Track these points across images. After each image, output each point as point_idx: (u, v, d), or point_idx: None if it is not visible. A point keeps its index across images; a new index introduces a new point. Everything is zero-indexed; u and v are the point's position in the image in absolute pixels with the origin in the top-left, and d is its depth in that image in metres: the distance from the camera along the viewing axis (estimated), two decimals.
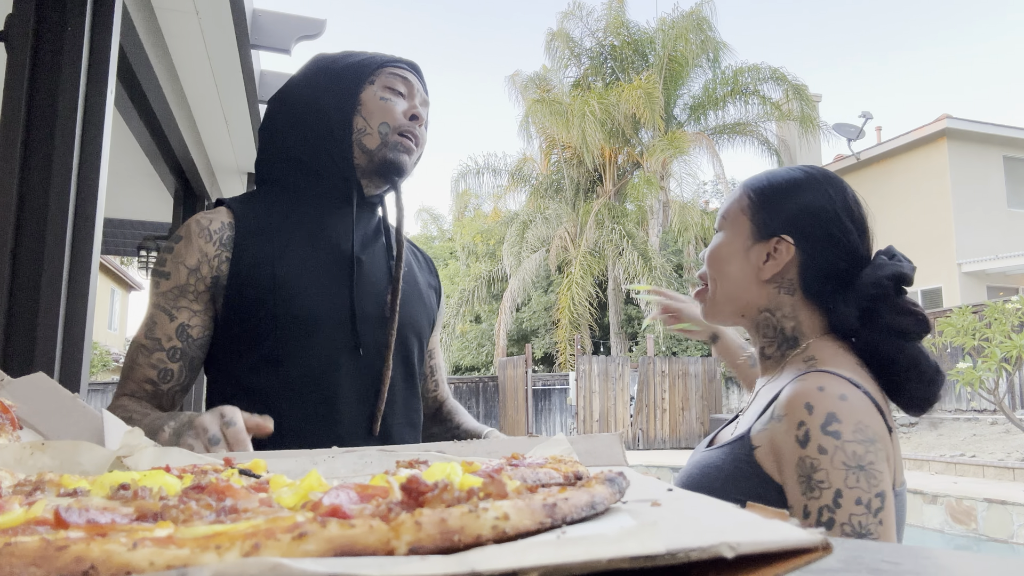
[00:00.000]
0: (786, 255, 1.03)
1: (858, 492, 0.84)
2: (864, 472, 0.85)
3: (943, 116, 14.66)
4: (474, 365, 20.06)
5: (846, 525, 0.84)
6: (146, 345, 1.08)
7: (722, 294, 1.09)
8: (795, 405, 0.90)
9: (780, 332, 1.06)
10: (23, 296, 1.63)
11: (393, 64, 1.22)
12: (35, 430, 0.63)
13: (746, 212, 1.08)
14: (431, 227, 25.96)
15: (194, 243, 1.11)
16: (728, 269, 1.08)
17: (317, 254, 1.15)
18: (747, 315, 1.08)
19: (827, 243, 1.03)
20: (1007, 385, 8.83)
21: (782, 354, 1.05)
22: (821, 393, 0.90)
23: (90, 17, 1.78)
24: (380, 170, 1.19)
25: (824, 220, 1.04)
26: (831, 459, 0.86)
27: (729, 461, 0.96)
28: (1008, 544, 6.07)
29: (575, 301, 15.16)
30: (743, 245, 1.07)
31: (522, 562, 0.25)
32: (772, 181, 1.09)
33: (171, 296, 1.10)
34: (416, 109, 1.21)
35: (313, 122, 1.19)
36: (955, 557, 0.37)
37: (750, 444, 0.95)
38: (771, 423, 0.93)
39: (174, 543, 0.25)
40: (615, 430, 12.62)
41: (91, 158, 1.75)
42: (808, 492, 0.86)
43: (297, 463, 0.60)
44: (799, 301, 1.05)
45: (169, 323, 1.09)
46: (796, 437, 0.88)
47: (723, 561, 0.28)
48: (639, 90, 15.10)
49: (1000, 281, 14.34)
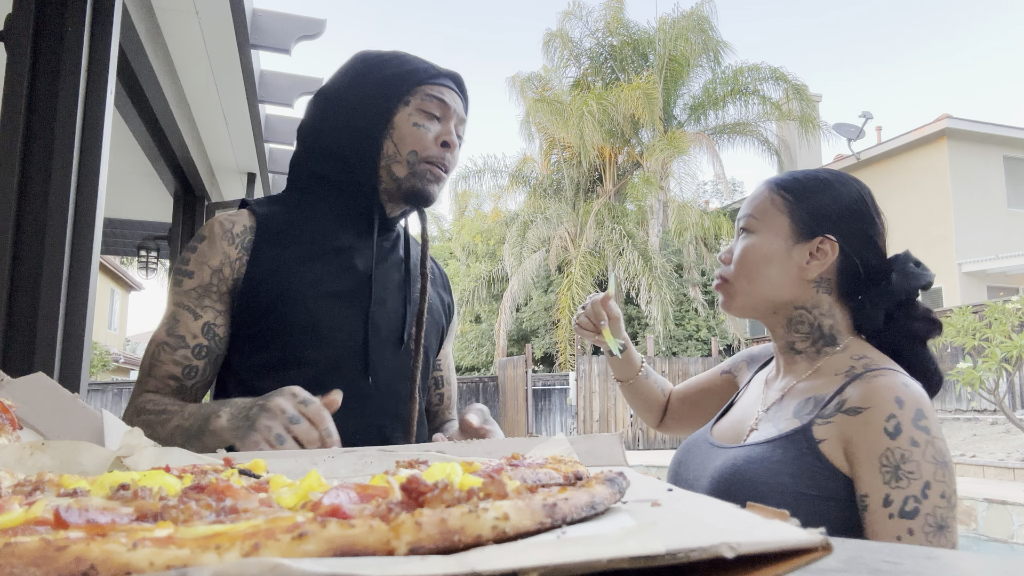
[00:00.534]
0: (831, 254, 1.05)
1: (943, 487, 0.89)
2: (947, 469, 0.90)
3: (943, 116, 14.66)
4: (474, 365, 20.06)
5: (930, 516, 0.88)
6: (169, 343, 1.08)
7: (757, 293, 1.09)
8: (883, 398, 0.93)
9: (817, 329, 1.08)
10: (23, 296, 1.63)
11: (432, 81, 1.16)
12: (35, 430, 0.63)
13: (783, 211, 1.09)
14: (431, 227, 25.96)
15: (217, 245, 1.11)
16: (767, 269, 1.08)
17: (332, 269, 1.15)
18: (779, 312, 1.10)
19: (864, 242, 1.06)
20: (1007, 385, 8.83)
21: (817, 351, 1.07)
22: (907, 389, 0.94)
23: (90, 17, 1.78)
24: (406, 198, 1.18)
25: (862, 220, 1.07)
26: (923, 452, 0.89)
27: (791, 456, 0.96)
28: (1008, 544, 6.07)
29: (575, 301, 15.13)
30: (784, 245, 1.08)
31: (522, 562, 0.25)
32: (803, 181, 1.10)
33: (195, 295, 1.10)
34: (450, 135, 1.16)
35: (344, 140, 1.16)
36: (955, 557, 0.37)
37: (813, 438, 0.96)
38: (840, 416, 0.95)
39: (174, 543, 0.25)
40: (615, 430, 12.62)
41: (91, 158, 1.75)
42: (894, 481, 0.89)
43: (297, 463, 0.60)
44: (834, 300, 1.08)
45: (194, 321, 1.09)
46: (885, 429, 0.91)
47: (723, 561, 0.28)
48: (638, 90, 15.10)
49: (1000, 281, 14.34)
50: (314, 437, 0.86)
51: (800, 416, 1.00)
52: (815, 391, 1.02)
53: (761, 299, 1.09)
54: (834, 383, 1.00)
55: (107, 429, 0.64)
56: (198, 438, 0.95)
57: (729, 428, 1.15)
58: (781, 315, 1.10)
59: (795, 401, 1.04)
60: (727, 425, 1.17)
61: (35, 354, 1.61)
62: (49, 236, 1.66)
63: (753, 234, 1.11)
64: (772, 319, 1.11)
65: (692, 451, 1.15)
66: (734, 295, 1.12)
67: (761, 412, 1.10)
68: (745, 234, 1.12)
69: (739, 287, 1.11)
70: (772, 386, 1.13)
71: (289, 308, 1.10)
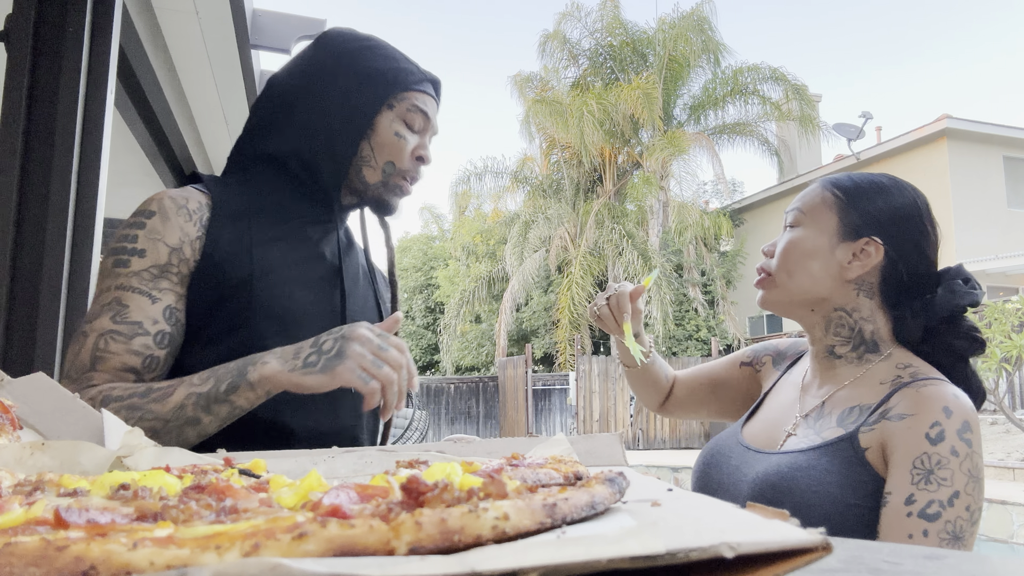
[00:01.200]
0: (875, 257, 1.04)
1: (970, 500, 0.88)
2: (979, 484, 0.90)
3: (943, 116, 14.66)
4: (474, 365, 20.05)
5: (950, 523, 0.87)
6: (120, 331, 0.94)
7: (797, 287, 1.08)
8: (931, 407, 0.92)
9: (859, 334, 1.06)
10: (23, 296, 1.63)
11: (417, 87, 1.11)
12: (35, 430, 0.63)
13: (833, 209, 1.07)
14: (431, 227, 25.95)
15: (173, 220, 0.99)
16: (810, 263, 1.07)
17: (298, 254, 1.07)
18: (818, 310, 1.08)
19: (912, 250, 1.05)
20: (1007, 385, 8.83)
21: (859, 356, 1.06)
22: (957, 400, 0.93)
23: (90, 17, 1.78)
24: (372, 204, 1.14)
25: (912, 226, 1.05)
26: (960, 463, 0.89)
27: (839, 463, 0.96)
28: (1008, 544, 6.07)
29: (575, 301, 15.15)
30: (829, 242, 1.06)
31: (522, 562, 0.25)
32: (858, 182, 1.09)
33: (148, 276, 0.97)
34: (425, 150, 1.13)
35: (315, 128, 1.08)
36: (955, 557, 0.37)
37: (860, 447, 0.95)
38: (884, 423, 0.95)
39: (174, 543, 0.25)
40: (615, 430, 12.62)
41: (91, 158, 1.75)
42: (924, 483, 0.88)
43: (297, 463, 0.60)
44: (876, 305, 1.06)
45: (151, 305, 0.96)
46: (927, 435, 0.90)
47: (723, 561, 0.28)
48: (638, 90, 15.10)
49: (1000, 281, 14.33)
50: (403, 363, 0.87)
51: (844, 424, 0.99)
52: (860, 399, 1.01)
53: (799, 293, 1.08)
54: (879, 392, 0.99)
55: (107, 429, 0.64)
56: (225, 399, 0.87)
57: (762, 432, 1.12)
58: (819, 314, 1.08)
59: (839, 409, 1.02)
60: (759, 428, 1.14)
61: (35, 354, 1.61)
62: (49, 236, 1.66)
63: (799, 228, 1.10)
64: (810, 318, 1.09)
65: (724, 454, 1.12)
66: (772, 289, 1.11)
67: (799, 418, 1.07)
68: (791, 228, 1.11)
69: (779, 279, 1.09)
70: (809, 391, 1.11)
71: (257, 291, 1.00)
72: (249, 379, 0.86)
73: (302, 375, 0.85)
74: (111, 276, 0.97)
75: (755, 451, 1.07)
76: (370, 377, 0.84)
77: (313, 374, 0.85)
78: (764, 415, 1.16)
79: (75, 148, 1.71)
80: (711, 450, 1.16)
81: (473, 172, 17.90)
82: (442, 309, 20.47)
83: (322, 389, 0.85)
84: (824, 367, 1.09)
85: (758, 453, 1.06)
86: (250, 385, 0.86)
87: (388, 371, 0.85)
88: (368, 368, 0.84)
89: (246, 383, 0.86)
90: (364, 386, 0.84)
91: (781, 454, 1.02)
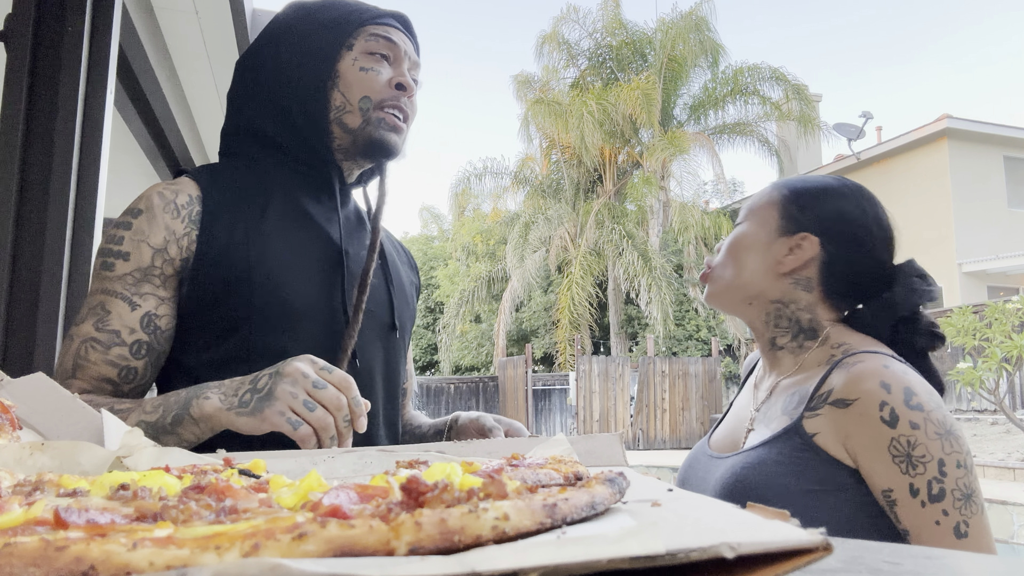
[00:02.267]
0: (809, 252, 1.06)
1: (956, 456, 0.88)
2: (953, 436, 0.89)
3: (943, 116, 14.66)
4: (474, 365, 20.06)
5: (955, 490, 0.88)
6: (99, 339, 0.91)
7: (735, 280, 1.11)
8: (867, 387, 0.92)
9: (796, 323, 1.08)
10: (23, 296, 1.63)
11: (375, 21, 1.05)
12: (35, 430, 0.63)
13: (775, 206, 1.11)
14: (431, 227, 25.95)
15: (159, 219, 0.95)
16: (747, 257, 1.10)
17: (299, 240, 1.02)
18: (756, 304, 1.10)
19: (853, 247, 1.06)
20: (1007, 385, 8.83)
21: (799, 344, 1.08)
22: (888, 370, 0.93)
23: (90, 17, 1.78)
24: (365, 151, 1.05)
25: (853, 225, 1.07)
26: (924, 432, 0.89)
27: (788, 453, 0.96)
28: (1008, 544, 6.07)
29: (575, 301, 15.15)
30: (767, 237, 1.10)
31: (522, 562, 0.25)
32: (806, 183, 1.13)
33: (131, 281, 0.93)
34: (403, 76, 1.04)
35: (284, 97, 1.04)
36: (955, 557, 0.37)
37: (806, 433, 0.96)
38: (829, 408, 0.95)
39: (174, 543, 0.25)
40: (615, 430, 12.62)
41: (91, 158, 1.75)
42: (912, 470, 0.88)
43: (297, 463, 0.60)
44: (816, 298, 1.08)
45: (130, 312, 0.92)
46: (882, 418, 0.90)
47: (723, 561, 0.28)
48: (637, 91, 15.10)
49: (1000, 281, 14.34)
50: (342, 404, 0.76)
51: (788, 412, 1.00)
52: (800, 384, 1.03)
53: (737, 287, 1.11)
54: (817, 374, 1.01)
55: (107, 429, 0.64)
56: (171, 431, 0.81)
57: (726, 436, 1.15)
58: (758, 308, 1.11)
59: (782, 397, 1.04)
60: (723, 434, 1.17)
61: (35, 354, 1.61)
62: (49, 236, 1.66)
63: (743, 224, 1.14)
64: (750, 312, 1.12)
65: (694, 466, 1.15)
66: (714, 282, 1.14)
67: (754, 412, 1.10)
68: (737, 225, 1.16)
69: (719, 273, 1.13)
70: (761, 386, 1.14)
71: (256, 285, 0.95)
72: (191, 414, 0.81)
73: (236, 416, 0.78)
74: (97, 279, 0.95)
75: (717, 457, 1.09)
76: (300, 421, 0.75)
77: (244, 415, 0.78)
78: (727, 420, 1.20)
79: (75, 148, 1.71)
80: (685, 465, 1.19)
81: (473, 173, 17.91)
82: (442, 309, 20.47)
83: (255, 432, 0.77)
84: (770, 360, 1.12)
85: (718, 459, 1.08)
86: (193, 420, 0.81)
87: (321, 414, 0.75)
88: (298, 411, 0.75)
89: (189, 418, 0.81)
90: (293, 432, 0.75)
91: (737, 455, 1.03)
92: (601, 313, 17.24)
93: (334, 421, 0.76)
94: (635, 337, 17.57)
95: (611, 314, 16.58)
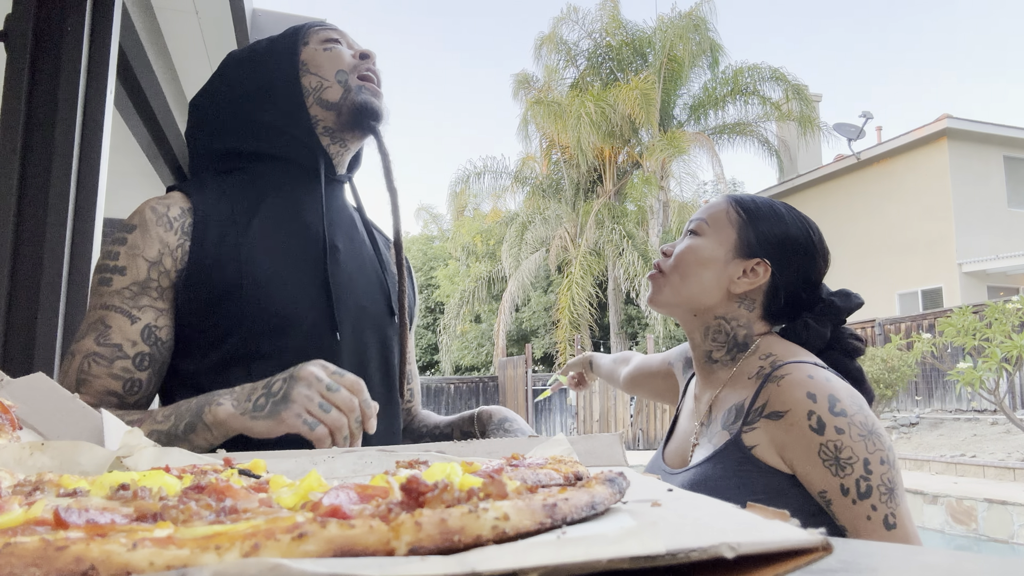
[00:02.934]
0: (762, 277, 1.12)
1: (879, 453, 0.95)
2: (875, 435, 0.95)
3: (943, 116, 14.65)
4: (474, 365, 20.06)
5: (881, 486, 0.93)
6: (102, 353, 0.94)
7: (686, 292, 1.14)
8: (795, 398, 0.98)
9: (732, 338, 1.14)
10: (23, 296, 1.63)
11: (320, 26, 1.14)
12: (35, 430, 0.63)
13: (734, 225, 1.15)
14: (431, 227, 25.95)
15: (152, 232, 0.98)
16: (702, 272, 1.13)
17: (286, 240, 1.04)
18: (699, 316, 1.15)
19: (797, 274, 1.13)
20: (1007, 385, 8.83)
21: (732, 358, 1.13)
22: (813, 381, 0.99)
23: (90, 17, 1.77)
24: (354, 119, 1.08)
25: (801, 254, 1.14)
26: (849, 435, 0.94)
27: (731, 468, 1.01)
28: (1008, 544, 6.06)
29: (575, 301, 15.15)
30: (724, 256, 1.13)
31: (522, 562, 0.25)
32: (760, 206, 1.17)
33: (128, 295, 0.96)
34: (362, 48, 1.12)
35: (256, 101, 1.08)
36: (955, 557, 0.37)
37: (744, 446, 1.01)
38: (764, 421, 1.00)
39: (174, 543, 0.25)
40: (615, 430, 12.62)
41: (91, 158, 1.75)
42: (840, 471, 0.94)
43: (297, 463, 0.60)
44: (755, 317, 1.14)
45: (130, 326, 0.95)
46: (810, 427, 0.96)
47: (723, 561, 0.28)
48: (635, 91, 15.10)
49: (1000, 281, 14.33)
50: (354, 406, 0.81)
51: (728, 427, 1.06)
52: (735, 399, 1.07)
53: (687, 298, 1.14)
54: (749, 387, 1.06)
55: (107, 429, 0.64)
56: (184, 439, 0.84)
57: (677, 450, 1.20)
58: (700, 321, 1.15)
59: (721, 413, 1.09)
60: (674, 448, 1.21)
61: (35, 354, 1.61)
62: (49, 236, 1.66)
63: (700, 237, 1.17)
64: (692, 323, 1.16)
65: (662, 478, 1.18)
66: (662, 287, 1.17)
67: (697, 427, 1.14)
68: (692, 235, 1.18)
69: (671, 280, 1.16)
70: (701, 400, 1.17)
71: (247, 292, 0.98)
72: (204, 420, 0.83)
73: (251, 420, 0.81)
74: (96, 295, 0.98)
75: (671, 472, 1.14)
76: (317, 422, 0.79)
77: (260, 419, 0.81)
78: (676, 433, 1.24)
79: (75, 148, 1.71)
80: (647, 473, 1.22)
81: (473, 172, 17.90)
82: (442, 309, 20.48)
83: (271, 435, 0.80)
84: (705, 372, 1.17)
85: (673, 474, 1.12)
86: (206, 427, 0.83)
87: (336, 415, 0.80)
88: (314, 412, 0.79)
89: (202, 424, 0.83)
90: (310, 432, 0.79)
91: (685, 472, 1.08)
92: (601, 313, 17.25)
93: (347, 422, 0.81)
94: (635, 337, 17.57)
95: (611, 314, 16.59)
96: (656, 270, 1.19)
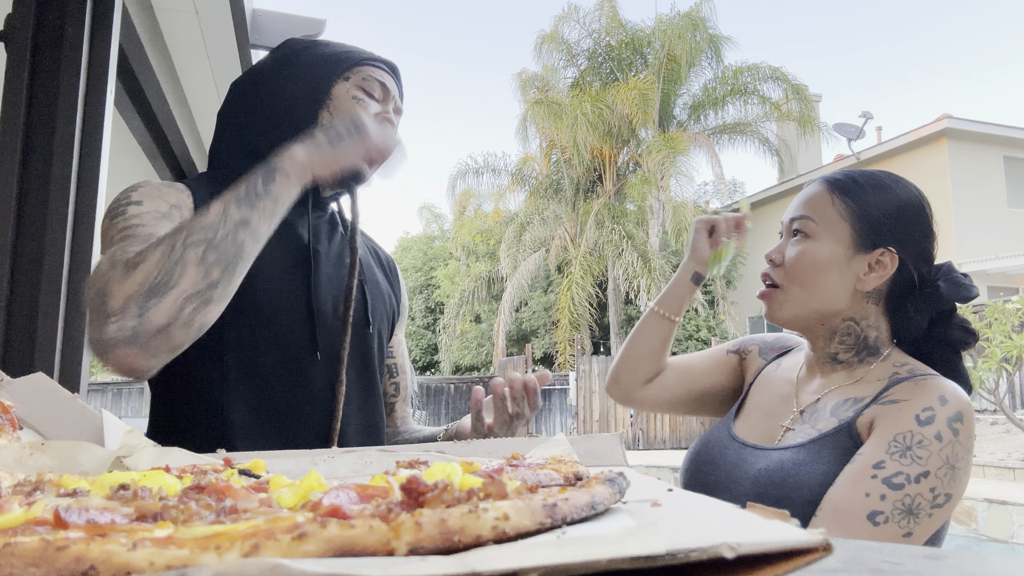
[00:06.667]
0: (890, 268, 1.02)
1: (937, 483, 0.87)
2: (953, 473, 0.88)
3: (943, 116, 14.65)
4: (474, 365, 20.05)
5: (909, 497, 0.86)
6: (136, 238, 0.94)
7: (813, 303, 1.04)
8: (927, 395, 0.92)
9: (863, 341, 1.04)
10: (23, 296, 1.63)
11: (371, 63, 1.15)
12: (35, 430, 0.63)
13: (845, 218, 1.03)
14: (432, 226, 25.95)
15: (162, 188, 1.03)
16: (824, 279, 1.03)
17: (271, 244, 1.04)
18: (826, 323, 1.05)
19: (921, 254, 1.04)
20: (1007, 385, 8.83)
21: (860, 360, 1.04)
22: (955, 392, 0.93)
23: (90, 17, 1.77)
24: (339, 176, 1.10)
25: (919, 230, 1.04)
26: (941, 448, 0.88)
27: (838, 455, 0.95)
28: (1008, 544, 6.06)
29: (575, 301, 15.15)
30: (844, 254, 1.03)
31: (522, 562, 0.25)
32: (864, 185, 1.05)
33: (151, 218, 0.97)
34: (388, 115, 1.14)
35: (277, 111, 1.11)
36: (956, 557, 0.37)
37: (857, 434, 0.95)
38: (874, 406, 0.95)
39: (174, 543, 0.25)
40: (615, 430, 12.62)
41: (91, 158, 1.75)
42: (899, 456, 0.88)
43: (297, 463, 0.60)
44: (881, 311, 1.05)
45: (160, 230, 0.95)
46: (916, 416, 0.90)
47: (723, 561, 0.28)
48: (634, 91, 15.10)
49: (1000, 281, 14.33)
50: None
51: (838, 415, 0.99)
52: (855, 393, 1.00)
53: (813, 309, 1.04)
54: (876, 387, 0.99)
55: (107, 429, 0.64)
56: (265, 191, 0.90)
57: (756, 426, 1.11)
58: (827, 327, 1.05)
59: (832, 402, 1.02)
60: (752, 423, 1.12)
61: (35, 354, 1.61)
62: (49, 236, 1.66)
63: (810, 239, 1.05)
64: (818, 330, 1.06)
65: (717, 449, 1.10)
66: (783, 303, 1.06)
67: (796, 413, 1.06)
68: (801, 236, 1.06)
69: (791, 294, 1.05)
70: (805, 388, 1.09)
71: None
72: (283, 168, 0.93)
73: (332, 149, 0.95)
74: (111, 228, 0.97)
75: (752, 447, 1.05)
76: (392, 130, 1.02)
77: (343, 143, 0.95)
78: (755, 409, 1.14)
79: (75, 148, 1.71)
80: (701, 447, 1.14)
81: (472, 168, 17.88)
82: (442, 309, 20.47)
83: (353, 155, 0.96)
84: (822, 370, 1.08)
85: (756, 449, 1.04)
86: (284, 174, 0.93)
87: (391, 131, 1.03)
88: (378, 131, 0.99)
89: (280, 172, 0.93)
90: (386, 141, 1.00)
91: (781, 449, 1.01)
92: (601, 313, 17.24)
93: None
94: None
95: (611, 314, 16.58)
96: (769, 284, 1.08)
